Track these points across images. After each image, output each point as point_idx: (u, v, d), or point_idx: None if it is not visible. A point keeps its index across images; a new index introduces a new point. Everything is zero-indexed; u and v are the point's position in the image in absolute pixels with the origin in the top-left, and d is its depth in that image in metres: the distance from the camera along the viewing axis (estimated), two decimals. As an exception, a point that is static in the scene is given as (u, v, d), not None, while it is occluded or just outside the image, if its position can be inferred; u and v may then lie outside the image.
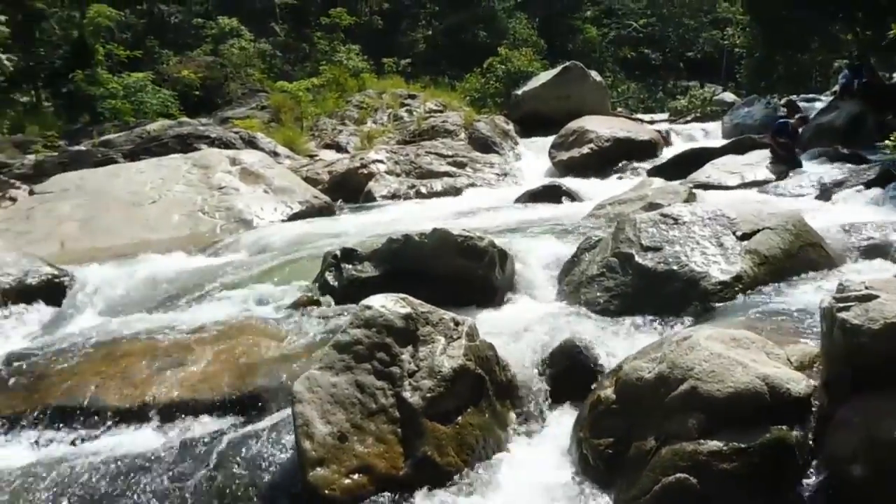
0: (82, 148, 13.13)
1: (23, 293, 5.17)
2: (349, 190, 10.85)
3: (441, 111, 15.89)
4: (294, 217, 8.15)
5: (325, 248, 5.69)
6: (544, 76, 16.81)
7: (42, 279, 5.29)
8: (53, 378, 3.47)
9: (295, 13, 23.68)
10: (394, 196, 10.53)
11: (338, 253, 4.76)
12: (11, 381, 3.52)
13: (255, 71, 19.79)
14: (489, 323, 3.68)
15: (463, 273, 4.23)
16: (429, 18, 27.88)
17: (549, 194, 8.66)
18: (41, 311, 5.09)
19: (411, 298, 2.99)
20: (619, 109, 20.28)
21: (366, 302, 2.93)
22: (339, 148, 14.21)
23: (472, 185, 10.98)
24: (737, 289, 3.76)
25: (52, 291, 5.28)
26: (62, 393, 3.28)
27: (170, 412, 3.15)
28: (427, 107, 16.28)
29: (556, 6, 29.98)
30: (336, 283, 4.60)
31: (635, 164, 11.13)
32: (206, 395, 3.17)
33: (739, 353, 2.47)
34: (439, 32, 26.74)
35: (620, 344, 3.44)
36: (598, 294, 4.05)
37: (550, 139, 12.77)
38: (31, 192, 8.85)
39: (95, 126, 15.34)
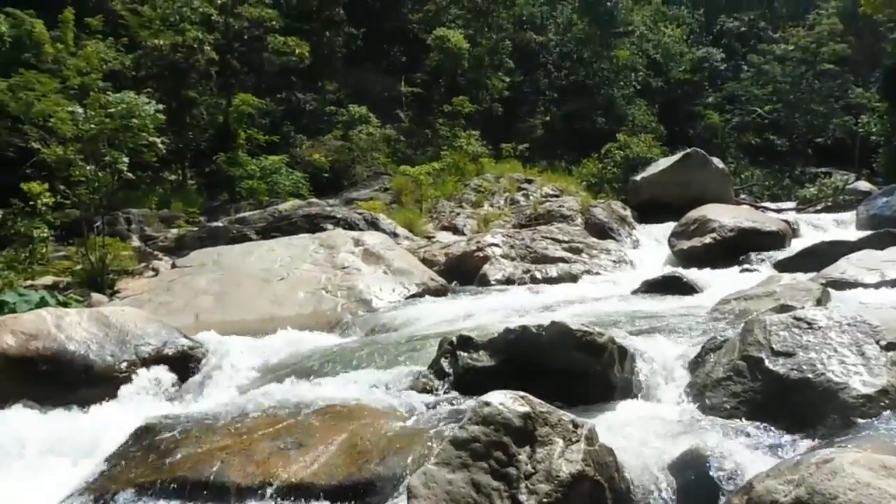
0: (220, 224, 14.10)
1: (160, 362, 5.51)
2: (464, 272, 10.98)
3: (557, 196, 15.97)
4: (411, 298, 8.31)
5: (440, 331, 5.76)
6: (664, 162, 16.62)
7: (178, 350, 5.63)
8: (182, 450, 3.62)
9: (419, 101, 24.83)
10: (508, 280, 10.55)
11: (454, 340, 4.79)
12: (144, 450, 3.72)
13: (380, 155, 20.75)
14: (606, 424, 3.56)
15: (580, 368, 4.14)
16: (547, 105, 28.43)
17: (669, 285, 8.40)
18: (175, 381, 5.39)
19: (530, 397, 2.95)
20: (743, 197, 19.66)
21: (484, 398, 2.91)
22: (456, 230, 14.50)
23: (588, 271, 10.84)
24: (882, 404, 3.46)
25: (186, 362, 5.60)
26: (190, 466, 3.42)
27: (288, 494, 3.20)
28: (543, 191, 16.41)
29: (676, 93, 29.86)
30: (451, 371, 4.61)
31: (761, 256, 10.66)
32: (324, 479, 3.21)
33: (891, 485, 2.25)
34: (557, 118, 27.16)
35: (749, 457, 3.22)
36: (725, 399, 3.84)
37: (669, 226, 12.51)
38: (173, 266, 9.54)
39: (233, 204, 16.50)
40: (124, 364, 5.30)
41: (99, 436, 4.29)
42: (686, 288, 8.30)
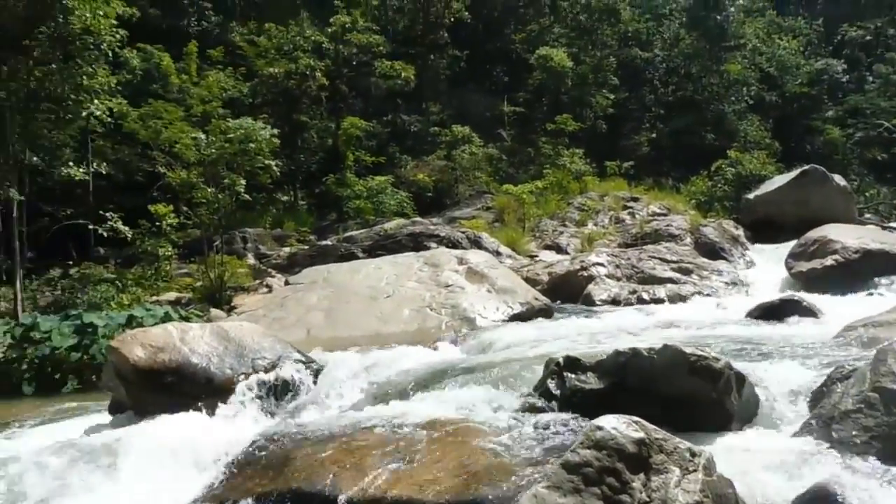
0: (329, 243, 14.59)
1: (275, 376, 5.72)
2: (568, 292, 10.85)
3: (665, 214, 15.55)
4: (514, 318, 8.28)
5: (545, 352, 5.70)
6: (779, 180, 15.86)
7: (292, 364, 5.83)
8: (297, 462, 3.74)
9: (522, 120, 24.87)
10: (614, 301, 10.33)
11: (560, 361, 4.71)
12: (262, 461, 3.87)
13: (483, 174, 20.89)
14: (722, 453, 3.39)
15: (694, 395, 3.98)
16: (653, 122, 27.79)
17: (787, 309, 7.96)
18: (289, 395, 5.58)
19: (644, 422, 2.86)
20: (868, 216, 18.44)
21: (596, 422, 2.85)
22: (560, 249, 14.36)
23: (699, 292, 10.46)
24: None
25: (300, 376, 5.78)
26: (304, 478, 3.53)
27: (397, 509, 3.24)
28: (650, 210, 16.02)
29: (792, 107, 28.47)
30: (558, 392, 4.54)
31: (890, 280, 9.95)
32: (432, 497, 3.22)
33: None
34: (664, 135, 26.49)
35: (884, 496, 2.99)
36: (855, 433, 3.58)
37: (785, 247, 11.90)
38: (286, 283, 9.94)
39: (341, 223, 17.05)
40: (242, 377, 5.54)
41: (219, 444, 4.50)
42: (806, 312, 7.84)
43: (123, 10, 12.77)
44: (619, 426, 2.82)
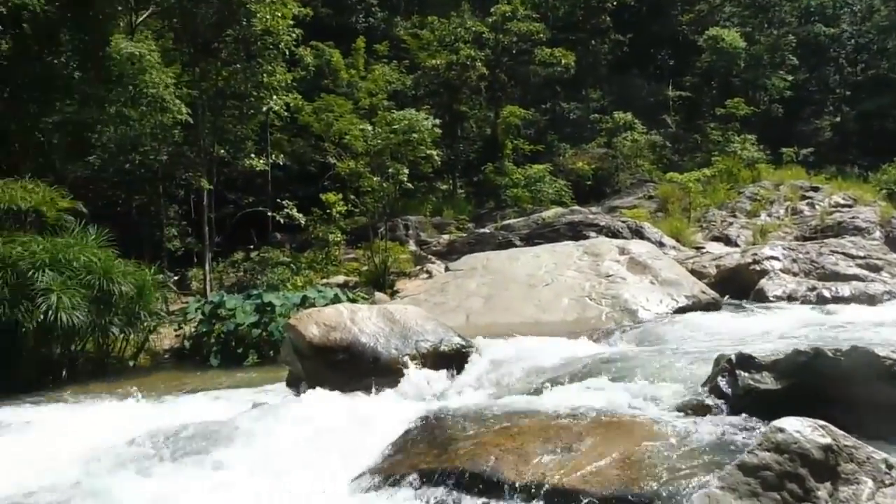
0: (486, 231, 14.76)
1: (436, 357, 5.89)
2: (738, 286, 10.24)
3: (849, 205, 14.26)
4: (679, 311, 7.95)
5: (712, 348, 5.42)
6: None
7: (453, 347, 5.97)
8: (460, 442, 3.83)
9: (688, 105, 23.72)
10: (790, 297, 9.62)
11: (733, 358, 4.46)
12: (426, 439, 4.00)
13: (645, 162, 20.20)
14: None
15: (887, 402, 3.62)
16: (837, 104, 25.49)
17: None
18: (449, 377, 5.73)
19: (832, 427, 2.65)
20: None
21: (777, 423, 2.67)
22: (728, 241, 13.61)
23: (890, 292, 9.48)
24: None
25: (460, 360, 5.92)
26: (468, 458, 3.60)
27: (559, 497, 3.22)
28: (832, 200, 14.76)
29: None
30: (729, 391, 4.30)
31: None
32: (595, 487, 3.17)
33: None
34: (849, 119, 24.23)
35: None
36: None
37: None
38: (447, 269, 10.18)
39: (498, 211, 17.17)
40: (406, 357, 5.75)
41: (384, 421, 4.70)
42: None
43: (298, 10, 13.61)
44: (802, 429, 2.63)
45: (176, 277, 12.51)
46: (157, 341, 9.70)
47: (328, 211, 13.67)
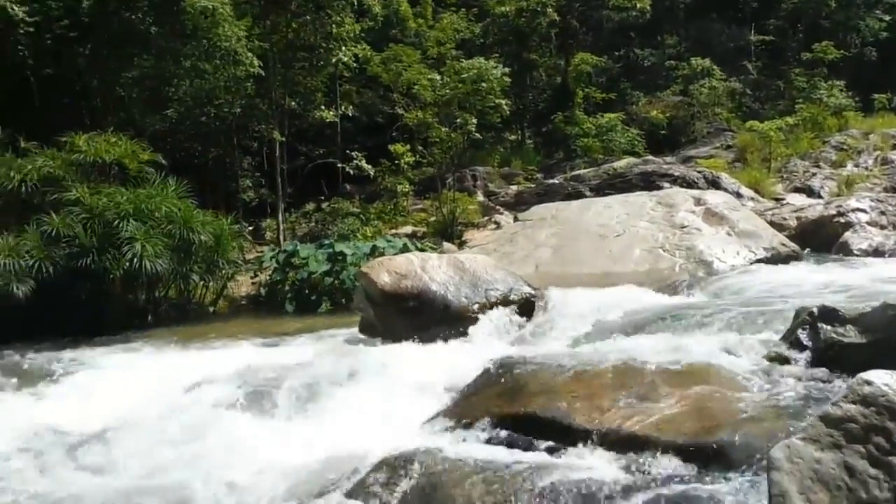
0: (555, 181, 14.56)
1: (505, 307, 5.93)
2: (819, 239, 9.83)
3: (947, 154, 13.39)
4: (757, 263, 7.74)
5: (793, 300, 5.27)
6: None
7: (522, 296, 6.00)
8: (531, 388, 3.86)
9: (771, 50, 22.54)
10: (876, 251, 9.17)
11: (815, 310, 4.32)
12: (498, 385, 4.04)
13: (723, 110, 19.44)
14: None
15: None
16: (940, 45, 23.72)
17: None
18: (519, 325, 5.76)
19: (925, 381, 2.53)
20: None
21: (864, 376, 2.57)
22: (811, 192, 13.05)
23: None
24: None
25: (529, 308, 5.94)
26: (539, 404, 3.62)
27: (630, 445, 3.21)
28: (928, 149, 13.88)
29: None
30: (810, 343, 4.17)
31: None
32: (669, 436, 3.15)
33: None
34: (956, 61, 22.54)
35: None
36: None
37: None
38: (515, 219, 10.13)
39: (568, 162, 16.89)
40: (476, 306, 5.81)
41: (455, 367, 4.77)
42: None
43: (365, -40, 13.50)
44: (892, 383, 2.52)
45: (251, 227, 12.87)
46: (235, 288, 10.08)
47: (396, 162, 13.73)
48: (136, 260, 8.06)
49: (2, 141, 9.38)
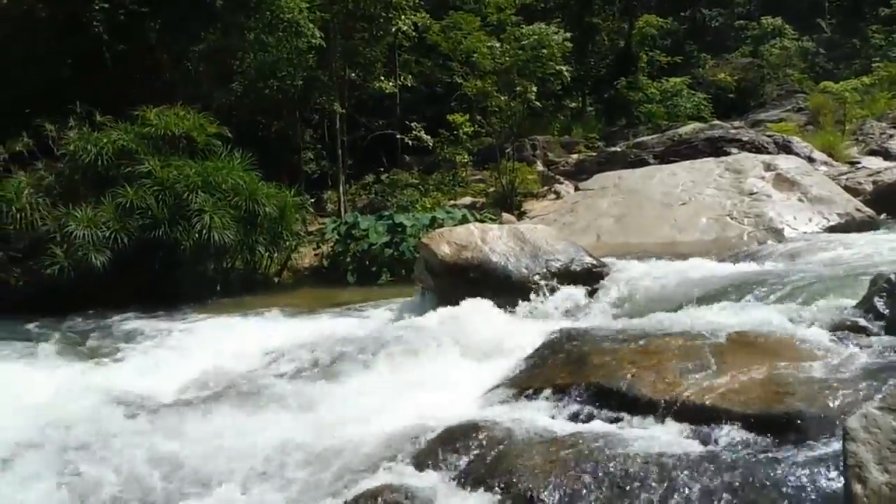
0: (618, 149, 14.27)
1: (567, 277, 5.87)
2: (897, 204, 9.39)
3: None
4: (831, 230, 7.46)
5: (868, 268, 5.07)
6: None
7: (584, 267, 5.92)
8: (594, 358, 3.83)
9: (847, 7, 21.42)
10: (961, 217, 8.73)
11: (892, 277, 4.15)
12: (560, 355, 4.02)
13: (794, 71, 18.65)
14: None
15: None
16: None
17: None
18: (581, 296, 5.70)
19: None
20: None
21: (949, 344, 2.46)
22: (888, 155, 12.44)
23: None
24: None
25: (591, 279, 5.86)
26: (603, 375, 3.59)
27: (697, 415, 3.16)
28: None
29: None
30: (887, 311, 4.01)
31: None
32: (737, 406, 3.09)
33: None
34: None
35: None
36: None
37: None
38: (576, 188, 9.99)
39: (630, 129, 16.51)
40: (536, 276, 5.77)
41: (516, 337, 4.77)
42: None
43: (424, -75, 13.31)
44: (979, 351, 2.40)
45: (312, 200, 13.05)
46: (298, 259, 10.29)
47: (455, 132, 13.66)
48: (204, 231, 8.29)
49: (79, 115, 9.71)
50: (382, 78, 14.24)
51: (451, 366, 4.61)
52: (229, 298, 8.57)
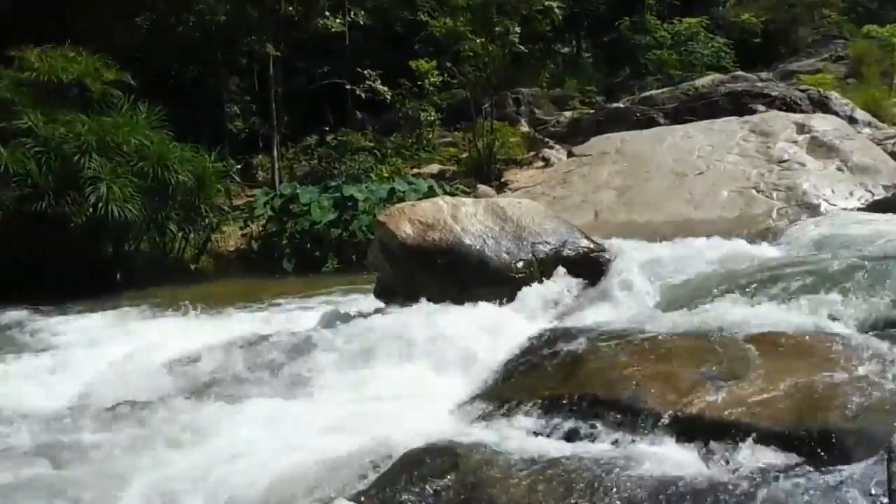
0: (621, 105, 14.41)
1: (558, 264, 5.88)
2: (958, 174, 9.67)
3: None
4: (875, 206, 7.66)
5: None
6: None
7: (579, 252, 5.94)
8: (591, 364, 3.88)
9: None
10: None
11: (950, 266, 4.28)
12: (549, 360, 4.06)
13: (833, 12, 18.99)
14: None
15: None
16: None
17: None
18: (574, 287, 5.74)
19: None
20: None
21: None
22: (947, 115, 12.76)
23: None
24: None
25: (587, 265, 5.89)
26: (601, 384, 3.64)
27: (717, 432, 3.21)
28: None
29: None
30: (941, 308, 4.14)
31: None
32: (765, 421, 3.15)
33: None
34: None
35: None
36: None
37: None
38: (569, 154, 10.08)
39: (636, 80, 16.67)
40: (520, 263, 5.78)
41: (494, 338, 4.80)
42: None
43: None
44: None
45: (239, 166, 12.94)
46: (221, 241, 10.21)
47: (419, 83, 13.64)
48: (101, 205, 8.18)
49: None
50: (327, 13, 14.11)
51: (415, 374, 4.62)
52: (132, 290, 8.47)
